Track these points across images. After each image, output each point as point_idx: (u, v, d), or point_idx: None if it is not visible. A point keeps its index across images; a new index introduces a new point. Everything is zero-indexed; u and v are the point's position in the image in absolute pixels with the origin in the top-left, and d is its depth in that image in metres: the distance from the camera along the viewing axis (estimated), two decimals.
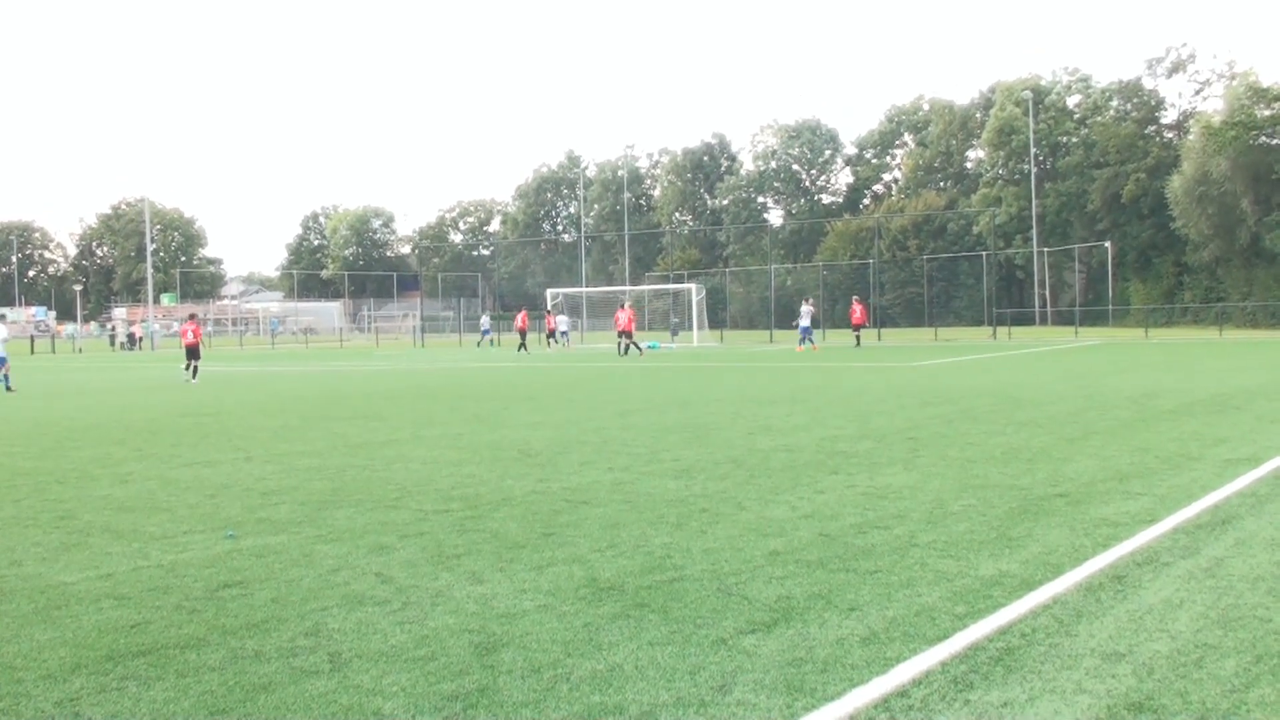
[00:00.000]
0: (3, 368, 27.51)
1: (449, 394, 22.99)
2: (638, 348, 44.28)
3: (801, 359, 36.09)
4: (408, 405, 20.17)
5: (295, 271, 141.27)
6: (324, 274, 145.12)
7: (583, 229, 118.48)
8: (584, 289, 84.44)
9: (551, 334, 47.13)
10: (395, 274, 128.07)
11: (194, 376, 30.13)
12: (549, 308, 57.95)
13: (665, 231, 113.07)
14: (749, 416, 16.28)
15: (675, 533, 7.77)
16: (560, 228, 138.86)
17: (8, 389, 27.12)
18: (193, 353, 31.24)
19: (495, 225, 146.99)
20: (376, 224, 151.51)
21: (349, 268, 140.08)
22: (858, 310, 46.21)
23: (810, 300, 45.95)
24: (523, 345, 46.16)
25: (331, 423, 16.82)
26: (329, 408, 19.97)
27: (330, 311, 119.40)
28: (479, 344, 55.22)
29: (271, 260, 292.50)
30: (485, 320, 37.73)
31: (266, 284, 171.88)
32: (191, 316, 33.47)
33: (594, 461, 11.53)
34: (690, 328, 57.81)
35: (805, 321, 42.10)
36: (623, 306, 46.69)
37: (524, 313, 50.24)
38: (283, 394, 24.11)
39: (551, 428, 15.26)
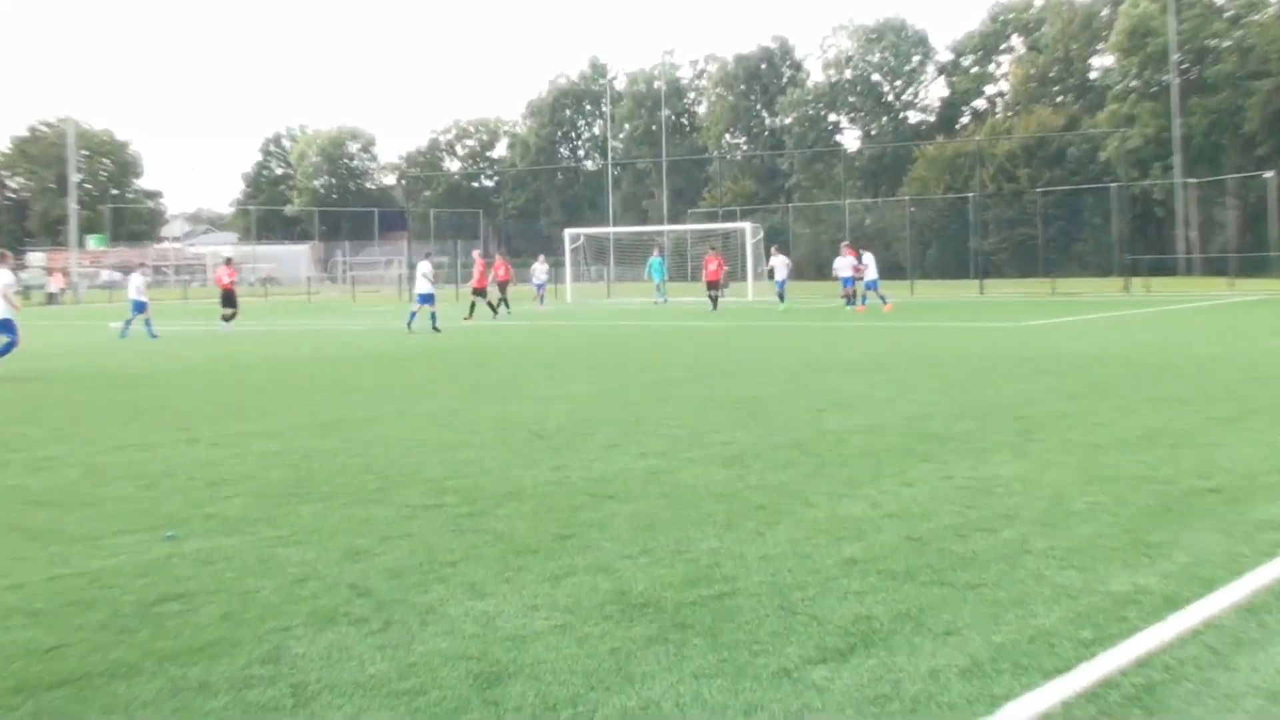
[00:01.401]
0: (143, 312, 33.33)
1: (443, 359, 23.08)
2: (712, 301, 45.23)
3: (883, 317, 35.94)
4: (391, 373, 20.23)
5: (253, 207, 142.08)
6: (288, 210, 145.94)
7: (610, 155, 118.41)
8: (611, 229, 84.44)
9: (481, 291, 45.55)
10: (376, 210, 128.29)
11: (227, 324, 34.72)
12: (498, 251, 58.46)
13: (713, 158, 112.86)
14: (817, 388, 16.20)
15: (725, 535, 7.72)
16: (582, 153, 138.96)
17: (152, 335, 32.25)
18: (228, 299, 35.39)
19: (501, 150, 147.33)
20: (354, 148, 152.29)
21: (320, 202, 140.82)
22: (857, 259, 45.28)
23: (849, 247, 45.38)
24: (504, 302, 44.86)
25: (297, 395, 16.89)
26: (294, 376, 20.04)
27: (296, 257, 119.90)
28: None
29: (224, 194, 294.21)
30: (425, 266, 35.26)
31: (217, 223, 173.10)
32: (228, 260, 37.66)
33: (623, 445, 11.51)
34: (744, 277, 57.69)
35: (872, 273, 41.87)
36: (713, 250, 49.10)
37: (503, 262, 48.97)
38: (237, 359, 24.26)
39: (570, 402, 15.25)
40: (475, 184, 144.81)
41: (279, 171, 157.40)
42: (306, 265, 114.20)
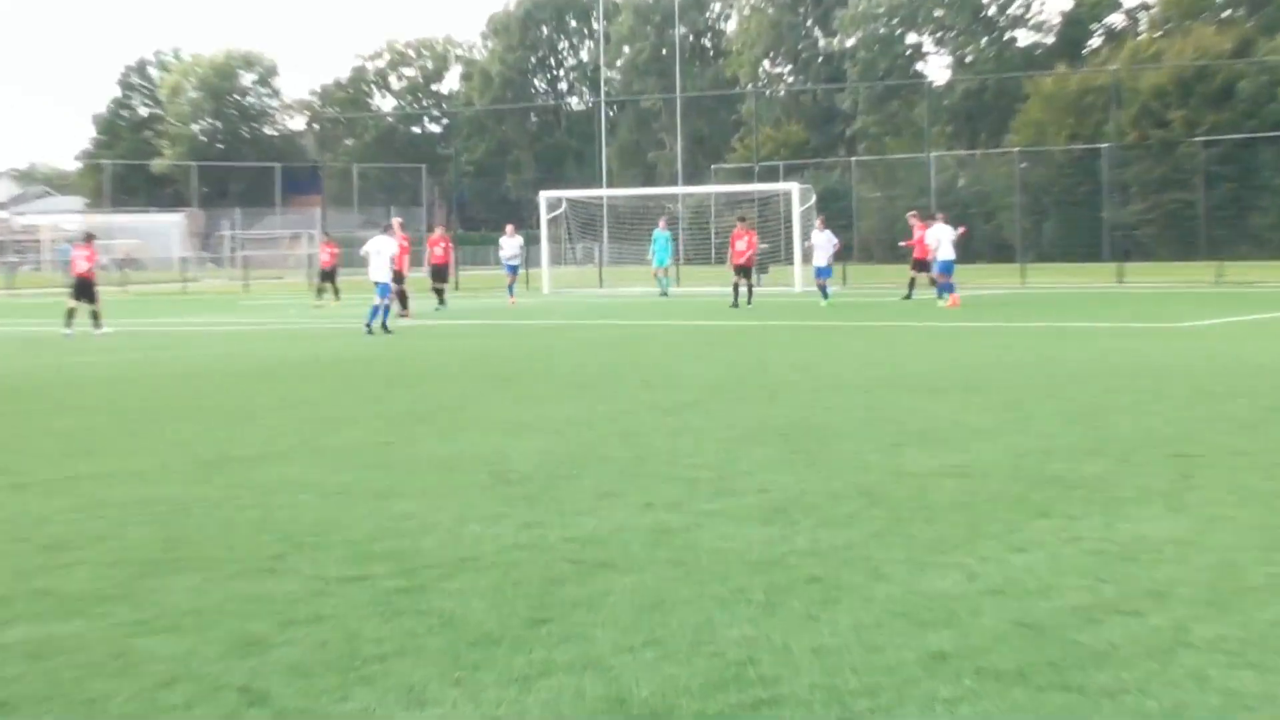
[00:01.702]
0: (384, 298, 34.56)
1: (370, 373, 23.09)
2: (749, 289, 44.98)
3: (974, 315, 35.92)
4: (298, 392, 20.23)
5: (107, 161, 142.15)
6: (156, 165, 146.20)
7: (604, 90, 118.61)
8: (605, 191, 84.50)
9: (329, 274, 48.00)
10: (279, 166, 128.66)
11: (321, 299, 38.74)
12: (440, 224, 58.67)
13: (746, 94, 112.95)
14: (890, 414, 16.20)
15: (763, 620, 7.69)
16: (565, 87, 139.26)
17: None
18: (85, 289, 36.78)
19: (452, 83, 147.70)
20: (247, 80, 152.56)
21: (200, 155, 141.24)
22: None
23: (926, 214, 45.67)
24: (439, 293, 45.93)
25: (166, 423, 16.88)
26: (162, 397, 20.03)
27: (167, 230, 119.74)
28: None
29: (67, 143, 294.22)
30: (381, 243, 34.15)
31: (58, 183, 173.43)
32: (88, 238, 39.39)
33: (621, 492, 11.50)
34: (789, 259, 57.71)
35: (948, 252, 41.86)
36: (743, 223, 48.46)
37: (443, 236, 49.38)
38: (81, 371, 24.26)
39: (547, 432, 15.22)
40: (416, 129, 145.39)
41: (143, 112, 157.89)
42: (181, 241, 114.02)
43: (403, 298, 40.48)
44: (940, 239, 42.05)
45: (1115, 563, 8.83)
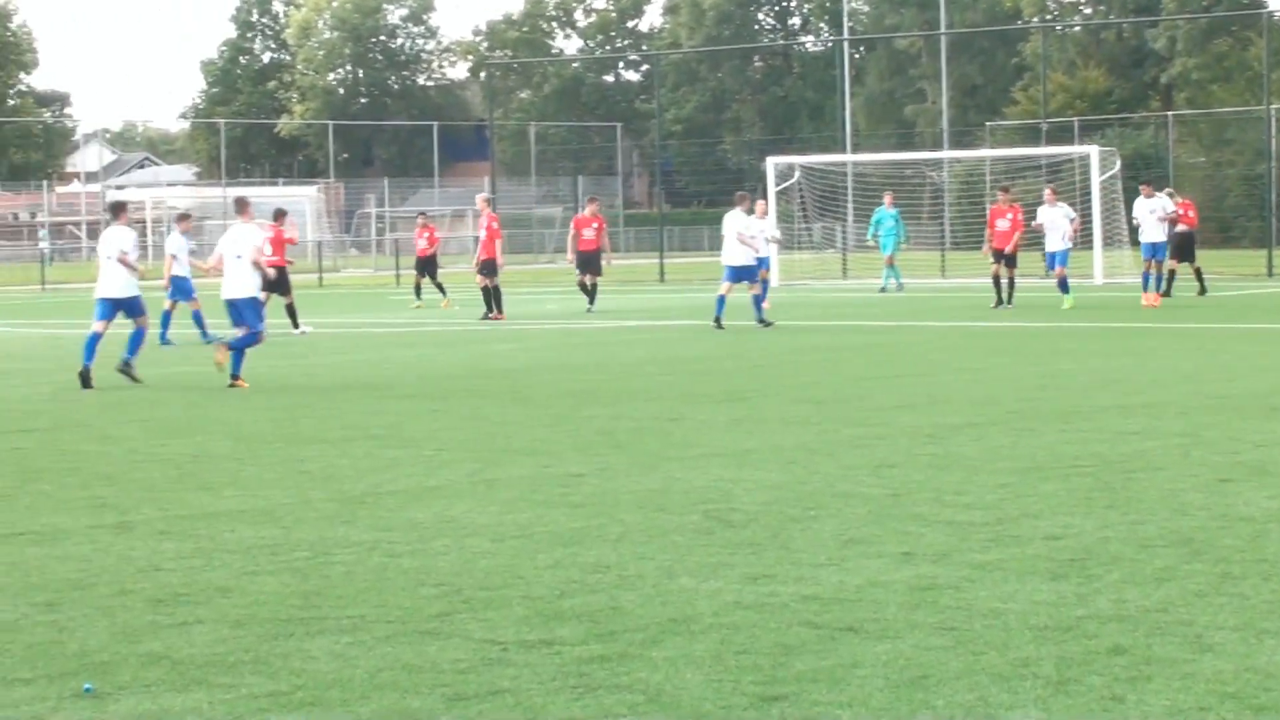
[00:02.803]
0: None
1: (552, 386, 23.10)
2: (1010, 282, 43.19)
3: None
4: (463, 410, 20.39)
5: (222, 121, 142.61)
6: (282, 125, 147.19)
7: (847, 25, 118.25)
8: (849, 156, 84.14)
9: (427, 264, 46.69)
10: (436, 125, 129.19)
11: (422, 295, 39.61)
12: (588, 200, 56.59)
13: (1031, 29, 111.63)
14: (1213, 441, 16.05)
15: (1053, 700, 7.68)
16: (797, 22, 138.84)
17: None
18: (426, 266, 41.01)
19: (653, 19, 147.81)
20: (396, 16, 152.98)
21: (337, 113, 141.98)
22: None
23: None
24: (494, 304, 44.05)
25: (300, 448, 17.12)
26: (294, 414, 20.24)
27: (297, 207, 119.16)
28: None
29: (173, 99, 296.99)
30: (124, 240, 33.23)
31: (162, 148, 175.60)
32: (422, 214, 41.92)
33: (872, 539, 11.52)
34: (1087, 242, 57.09)
35: (1156, 230, 40.91)
36: (1004, 194, 46.70)
37: (491, 223, 47.12)
38: (191, 385, 24.70)
39: (776, 462, 15.28)
40: (608, 77, 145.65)
41: (265, 58, 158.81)
42: (314, 221, 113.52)
43: (493, 295, 40.51)
44: (1056, 220, 41.41)
45: None
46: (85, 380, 23.91)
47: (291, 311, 36.98)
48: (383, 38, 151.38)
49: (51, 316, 46.88)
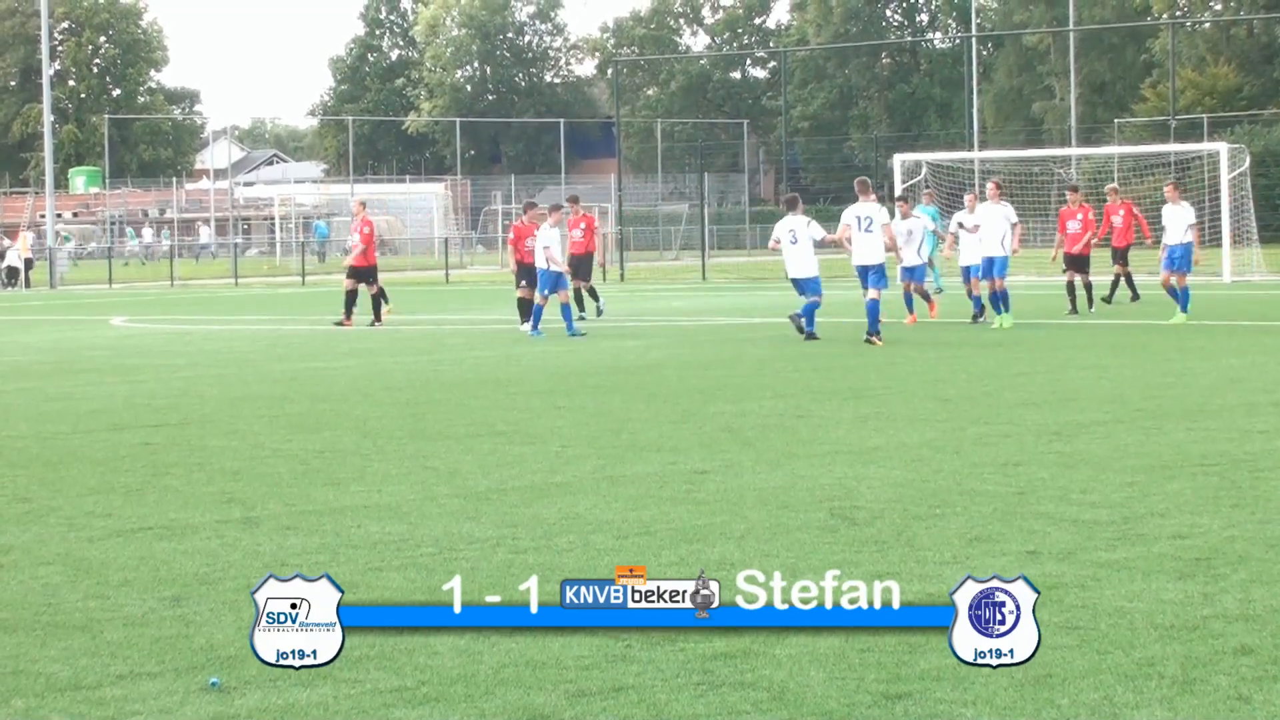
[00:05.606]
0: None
1: (678, 382, 23.13)
2: (1088, 287, 41.00)
3: None
4: (588, 406, 20.43)
5: (350, 118, 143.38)
6: (410, 122, 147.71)
7: (975, 22, 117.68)
8: (976, 153, 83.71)
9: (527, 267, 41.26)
10: (563, 123, 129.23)
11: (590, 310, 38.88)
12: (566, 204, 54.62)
13: (1160, 26, 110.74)
14: None
15: (1180, 700, 7.65)
16: (925, 19, 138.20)
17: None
18: (579, 265, 38.93)
19: (781, 15, 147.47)
20: (524, 14, 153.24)
21: (464, 109, 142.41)
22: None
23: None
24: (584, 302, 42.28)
25: (425, 443, 17.24)
26: (421, 410, 20.33)
27: (424, 203, 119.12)
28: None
29: (300, 97, 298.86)
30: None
31: (291, 145, 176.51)
32: (575, 199, 42.02)
33: (997, 537, 11.52)
34: (1215, 240, 56.63)
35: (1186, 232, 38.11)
36: (1074, 194, 43.86)
37: (585, 217, 45.12)
38: (321, 379, 24.87)
39: (902, 460, 15.27)
40: (735, 74, 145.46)
41: (393, 56, 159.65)
42: (441, 218, 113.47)
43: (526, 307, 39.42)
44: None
45: None
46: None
47: (376, 302, 37.94)
48: (510, 35, 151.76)
49: (183, 312, 47.02)
